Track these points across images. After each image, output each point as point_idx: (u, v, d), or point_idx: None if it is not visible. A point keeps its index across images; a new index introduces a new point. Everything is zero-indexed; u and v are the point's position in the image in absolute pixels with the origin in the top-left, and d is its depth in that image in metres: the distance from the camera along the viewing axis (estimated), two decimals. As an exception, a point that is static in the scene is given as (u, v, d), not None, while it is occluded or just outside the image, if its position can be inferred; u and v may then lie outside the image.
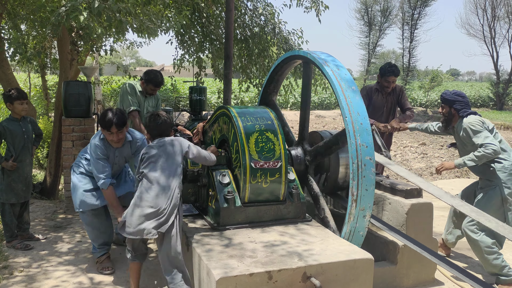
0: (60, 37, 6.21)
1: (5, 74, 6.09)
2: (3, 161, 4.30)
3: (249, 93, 23.21)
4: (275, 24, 7.57)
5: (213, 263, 2.82)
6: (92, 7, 3.79)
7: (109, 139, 3.71)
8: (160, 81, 5.05)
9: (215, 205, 3.53)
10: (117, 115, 3.63)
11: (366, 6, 32.97)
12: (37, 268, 3.91)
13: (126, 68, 10.24)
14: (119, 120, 3.62)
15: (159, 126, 3.38)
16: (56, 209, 5.81)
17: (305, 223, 3.63)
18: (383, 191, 4.18)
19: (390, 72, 5.33)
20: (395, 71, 5.36)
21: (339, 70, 3.58)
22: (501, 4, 31.87)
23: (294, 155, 4.05)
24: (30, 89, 14.72)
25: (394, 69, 5.37)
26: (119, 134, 3.67)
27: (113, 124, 3.60)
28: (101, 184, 3.68)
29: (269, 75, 4.76)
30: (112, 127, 3.60)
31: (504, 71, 32.65)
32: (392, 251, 3.79)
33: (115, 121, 3.60)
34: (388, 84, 5.40)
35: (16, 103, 4.31)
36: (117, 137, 3.68)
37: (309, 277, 2.80)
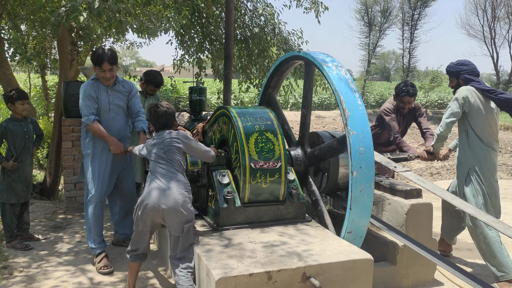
0: (60, 38, 6.21)
1: (5, 74, 6.09)
2: (3, 161, 4.31)
3: (249, 94, 23.20)
4: (275, 25, 7.57)
5: (212, 263, 2.82)
6: (92, 7, 3.79)
7: (100, 76, 3.76)
8: (160, 81, 5.06)
9: (214, 205, 3.53)
10: (109, 51, 3.69)
11: (366, 7, 32.98)
12: (36, 268, 3.91)
13: (126, 69, 10.26)
14: (111, 56, 3.67)
15: (160, 117, 3.33)
16: (56, 209, 5.81)
17: (305, 224, 3.63)
18: (382, 191, 4.18)
19: (405, 92, 4.90)
20: (410, 91, 4.89)
21: (339, 70, 3.58)
22: (501, 5, 31.90)
23: (294, 156, 4.05)
24: (30, 90, 14.71)
25: (409, 89, 4.90)
26: (111, 71, 3.73)
27: (105, 60, 3.64)
28: (85, 120, 3.76)
29: (268, 75, 4.77)
30: (104, 64, 3.64)
31: (504, 71, 32.71)
32: (391, 252, 3.79)
33: (107, 57, 3.63)
34: (403, 105, 4.99)
35: (18, 103, 4.32)
36: (110, 74, 3.74)
37: (309, 277, 2.80)
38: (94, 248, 3.99)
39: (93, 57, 3.73)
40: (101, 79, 3.83)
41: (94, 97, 3.84)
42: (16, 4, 5.88)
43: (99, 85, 3.87)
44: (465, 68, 4.17)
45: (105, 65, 3.70)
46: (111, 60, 3.71)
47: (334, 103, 29.23)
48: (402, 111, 5.09)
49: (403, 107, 5.04)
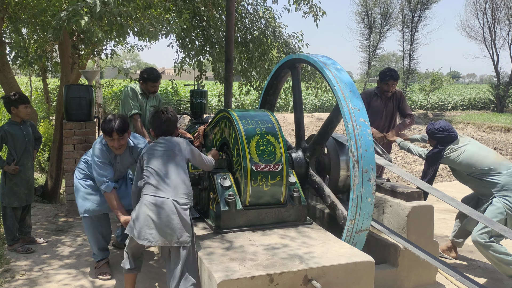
0: (61, 41, 6.23)
1: (6, 78, 6.10)
2: (5, 165, 4.31)
3: (250, 96, 23.21)
4: (275, 28, 7.59)
5: (214, 266, 2.82)
6: (94, 11, 3.80)
7: (110, 145, 3.69)
8: (157, 75, 5.06)
9: (216, 208, 3.54)
10: (118, 121, 3.60)
11: (366, 9, 33.00)
12: (38, 271, 3.91)
13: (127, 72, 10.24)
14: (120, 126, 3.59)
15: (163, 123, 3.31)
16: (58, 212, 5.81)
17: (306, 226, 3.64)
18: (383, 193, 4.18)
19: (389, 76, 5.34)
20: (394, 75, 5.37)
21: (339, 72, 3.59)
22: (501, 7, 31.88)
23: (295, 158, 4.05)
24: (31, 93, 14.73)
25: (393, 73, 5.38)
26: (120, 140, 3.64)
27: (114, 130, 3.57)
28: (104, 187, 3.65)
29: (269, 78, 4.78)
30: (113, 133, 3.58)
31: (505, 73, 32.62)
32: (393, 254, 3.79)
33: (116, 127, 3.57)
34: (387, 88, 5.39)
35: (21, 107, 4.33)
36: (118, 143, 3.65)
37: (310, 280, 2.80)
38: (95, 255, 3.98)
39: (103, 127, 3.63)
40: (111, 148, 3.73)
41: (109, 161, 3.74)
42: (18, 7, 5.90)
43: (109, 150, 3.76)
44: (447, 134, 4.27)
45: (114, 135, 3.61)
46: (119, 131, 3.60)
47: (335, 105, 29.23)
48: (386, 94, 5.45)
49: (387, 90, 5.42)
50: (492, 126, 20.91)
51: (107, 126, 3.59)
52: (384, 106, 5.49)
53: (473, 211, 3.45)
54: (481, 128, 21.07)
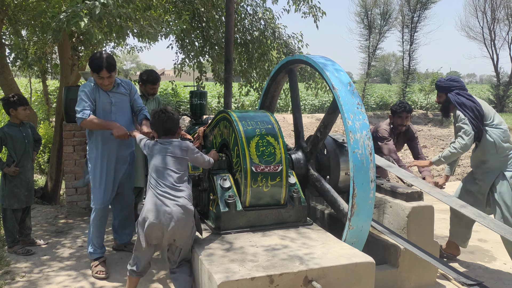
0: (61, 43, 6.23)
1: (6, 79, 6.10)
2: (4, 167, 4.31)
3: (250, 97, 23.21)
4: (274, 28, 7.59)
5: (214, 267, 2.82)
6: (93, 13, 3.80)
7: (99, 83, 3.69)
8: (156, 77, 5.07)
9: (216, 209, 3.54)
10: (107, 58, 3.59)
11: (365, 10, 32.99)
12: (38, 273, 3.91)
13: (127, 73, 10.26)
14: (110, 63, 3.58)
15: (164, 123, 3.29)
16: (57, 214, 5.81)
17: (306, 227, 3.63)
18: (383, 194, 4.18)
19: (403, 108, 5.08)
20: (407, 107, 5.10)
21: (338, 73, 3.60)
22: (500, 6, 31.91)
23: (295, 159, 4.05)
24: (31, 95, 14.74)
25: (405, 105, 5.11)
26: (109, 78, 3.66)
27: (104, 68, 3.56)
28: (80, 115, 3.64)
29: (269, 79, 4.78)
30: (102, 71, 3.57)
31: (505, 73, 32.64)
32: (393, 254, 3.79)
33: (106, 64, 3.55)
34: (401, 121, 5.13)
35: (20, 109, 4.33)
36: (108, 81, 3.67)
37: (311, 281, 2.80)
38: (92, 253, 3.98)
39: (91, 64, 3.64)
40: (100, 85, 3.78)
41: (92, 99, 3.76)
42: (17, 9, 5.90)
43: (99, 89, 3.82)
44: (455, 85, 4.22)
45: (103, 73, 3.63)
46: (109, 68, 3.63)
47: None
48: (400, 128, 5.20)
49: (401, 124, 5.16)
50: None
51: (96, 63, 3.56)
52: (396, 143, 5.27)
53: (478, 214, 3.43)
54: (481, 128, 21.03)
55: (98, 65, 3.61)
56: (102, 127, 3.75)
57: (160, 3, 5.57)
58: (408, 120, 5.20)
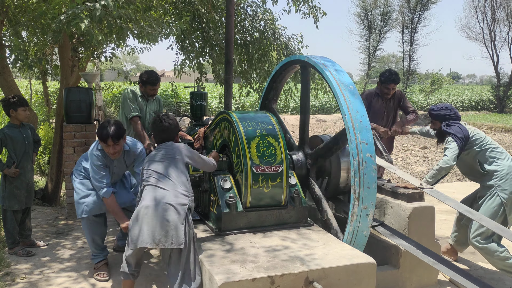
0: (61, 44, 6.23)
1: (6, 81, 6.10)
2: (5, 168, 4.31)
3: (250, 98, 23.23)
4: (274, 29, 7.59)
5: (215, 268, 2.81)
6: (94, 14, 3.80)
7: (106, 151, 3.70)
8: (156, 78, 5.06)
9: (216, 210, 3.53)
10: (113, 127, 3.60)
11: (365, 10, 33.04)
12: (39, 274, 3.90)
13: (127, 74, 10.25)
14: (115, 133, 3.60)
15: (162, 131, 3.35)
16: (58, 215, 5.81)
17: (307, 228, 3.63)
18: (384, 195, 4.17)
19: (390, 80, 5.28)
20: (395, 79, 5.30)
21: (338, 73, 3.59)
22: (500, 7, 31.92)
23: (295, 160, 4.05)
24: (31, 96, 14.75)
25: (394, 77, 5.30)
26: (115, 146, 3.65)
27: (110, 137, 3.58)
28: (103, 193, 3.68)
29: (269, 80, 4.78)
30: (108, 140, 3.59)
31: (505, 74, 32.65)
32: (394, 255, 3.78)
33: (111, 133, 3.58)
34: (387, 91, 5.36)
35: (20, 109, 4.33)
36: (114, 149, 3.66)
37: (312, 281, 2.79)
38: (93, 258, 3.97)
39: (98, 133, 3.64)
40: (106, 153, 3.74)
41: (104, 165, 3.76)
42: (18, 11, 5.90)
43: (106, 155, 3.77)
44: (449, 113, 4.27)
45: (109, 141, 3.61)
46: (115, 137, 3.61)
47: (335, 106, 29.26)
48: (385, 96, 5.41)
49: (387, 93, 5.38)
50: (492, 126, 20.91)
51: (102, 133, 3.60)
52: (385, 107, 5.48)
53: (473, 213, 3.44)
54: (481, 128, 21.04)
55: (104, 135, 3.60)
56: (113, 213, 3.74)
57: (160, 4, 5.57)
58: (394, 90, 5.40)
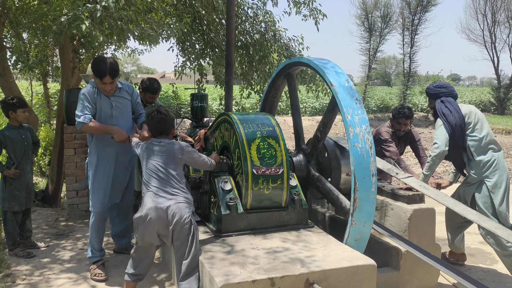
0: (62, 45, 6.24)
1: (7, 82, 6.11)
2: (4, 169, 4.31)
3: (250, 100, 23.25)
4: (275, 31, 7.60)
5: (215, 270, 2.81)
6: (94, 16, 3.81)
7: (101, 88, 3.64)
8: (156, 87, 5.06)
9: (217, 212, 3.53)
10: (111, 64, 3.55)
11: (366, 12, 33.02)
12: (39, 276, 3.90)
13: (128, 76, 10.29)
14: (113, 69, 3.54)
15: (157, 124, 3.29)
16: (58, 216, 5.81)
17: (307, 230, 3.63)
18: (385, 196, 4.17)
19: (402, 114, 5.02)
20: (406, 113, 5.01)
21: (338, 75, 3.60)
22: (501, 9, 31.92)
23: (296, 161, 4.05)
24: (32, 97, 14.76)
25: (406, 111, 5.02)
26: (112, 84, 3.62)
27: (108, 74, 3.53)
28: (81, 120, 3.59)
29: (270, 81, 4.78)
30: (106, 77, 3.54)
31: (505, 75, 32.61)
32: (395, 257, 3.78)
33: (109, 71, 3.52)
34: (400, 126, 5.09)
35: (19, 111, 4.34)
36: (111, 86, 3.63)
37: (312, 283, 2.79)
38: (91, 257, 3.96)
39: (94, 69, 3.58)
40: (101, 90, 3.72)
41: (92, 102, 3.72)
42: (19, 12, 5.92)
43: (100, 92, 3.76)
44: (443, 91, 4.27)
45: (106, 79, 3.58)
46: (113, 74, 3.58)
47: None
48: (398, 133, 5.17)
49: (400, 129, 5.13)
50: (493, 128, 20.86)
51: (100, 68, 3.51)
52: (398, 146, 5.25)
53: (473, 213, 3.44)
54: (482, 130, 21.04)
55: (101, 70, 3.55)
56: (102, 131, 3.72)
57: (161, 6, 5.58)
58: (408, 126, 5.15)
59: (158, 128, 3.30)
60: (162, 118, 3.28)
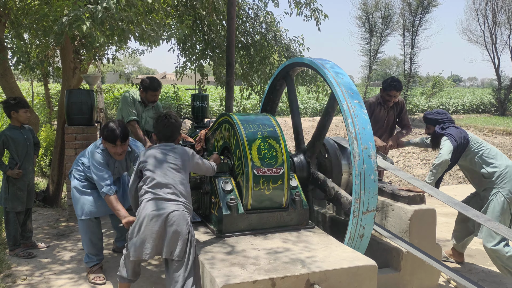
0: (63, 46, 6.26)
1: (8, 83, 6.12)
2: (7, 170, 4.32)
3: (251, 100, 23.26)
4: (276, 32, 7.60)
5: (216, 270, 2.81)
6: (95, 16, 3.81)
7: (112, 152, 3.68)
8: (158, 84, 5.07)
9: (217, 212, 3.53)
10: (120, 128, 3.59)
11: (367, 13, 33.02)
12: (39, 276, 3.90)
13: (128, 76, 10.29)
14: (123, 133, 3.59)
15: (166, 128, 3.25)
16: (59, 217, 5.81)
17: (308, 230, 3.63)
18: (385, 197, 4.17)
19: (392, 87, 5.20)
20: (397, 86, 5.21)
21: (338, 75, 3.61)
22: (501, 10, 31.90)
23: (297, 162, 4.05)
24: (32, 98, 14.77)
25: (396, 84, 5.22)
26: (123, 146, 3.65)
27: (118, 138, 3.57)
28: (106, 191, 3.61)
29: (270, 82, 4.78)
30: (117, 141, 3.58)
31: (506, 77, 32.62)
32: (395, 258, 3.77)
33: (120, 134, 3.56)
34: (389, 98, 5.27)
35: (21, 111, 4.35)
36: (121, 149, 3.66)
37: (313, 284, 2.79)
38: (88, 262, 3.93)
39: (105, 134, 3.61)
40: (112, 154, 3.73)
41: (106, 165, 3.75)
42: (20, 13, 5.93)
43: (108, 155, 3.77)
44: (442, 117, 4.38)
45: (117, 142, 3.62)
46: (123, 138, 3.62)
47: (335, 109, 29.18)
48: (387, 104, 5.32)
49: (389, 100, 5.29)
50: (493, 129, 20.87)
51: (111, 134, 3.57)
52: (386, 115, 5.40)
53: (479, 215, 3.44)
54: (482, 131, 21.03)
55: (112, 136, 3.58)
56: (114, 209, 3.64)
57: (161, 7, 5.58)
58: (397, 98, 5.31)
59: (167, 133, 3.27)
60: (172, 123, 3.26)
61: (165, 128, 3.26)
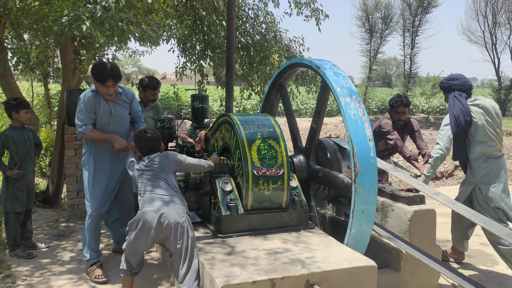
0: (63, 46, 6.25)
1: (8, 83, 6.12)
2: (7, 170, 4.31)
3: (251, 101, 23.27)
4: (276, 32, 7.60)
5: (215, 271, 2.81)
6: (95, 16, 3.81)
7: (103, 92, 3.61)
8: (156, 82, 5.06)
9: (217, 213, 3.53)
10: (113, 67, 3.54)
11: (367, 14, 33.07)
12: (39, 277, 3.90)
13: (128, 77, 10.30)
14: (115, 73, 3.53)
15: (145, 144, 3.37)
16: (59, 217, 5.81)
17: (308, 231, 3.63)
18: (385, 198, 4.17)
19: (399, 102, 5.05)
20: (404, 101, 5.06)
21: (337, 76, 3.61)
22: (501, 11, 31.93)
23: (296, 162, 4.05)
24: (32, 98, 14.77)
25: (403, 99, 5.06)
26: (114, 87, 3.60)
27: (110, 77, 3.51)
28: (83, 130, 3.60)
29: (271, 82, 4.79)
30: (108, 81, 3.52)
31: (506, 77, 32.63)
32: (395, 258, 3.77)
33: (111, 75, 3.51)
34: (399, 116, 5.11)
35: (22, 111, 4.34)
36: (113, 89, 3.61)
37: (313, 284, 2.79)
38: (89, 259, 3.93)
39: (96, 73, 3.54)
40: (103, 95, 3.69)
41: (92, 110, 3.71)
42: (19, 13, 5.93)
43: (100, 97, 3.73)
44: (455, 83, 4.24)
45: (108, 82, 3.56)
46: (115, 78, 3.56)
47: (335, 109, 29.27)
48: (398, 123, 5.18)
49: (399, 118, 5.14)
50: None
51: (102, 73, 3.49)
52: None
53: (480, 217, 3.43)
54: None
55: (103, 75, 3.53)
56: (103, 140, 3.73)
57: (161, 7, 5.58)
58: (406, 114, 5.17)
59: (147, 147, 3.38)
60: (149, 137, 3.37)
61: (145, 143, 3.37)
